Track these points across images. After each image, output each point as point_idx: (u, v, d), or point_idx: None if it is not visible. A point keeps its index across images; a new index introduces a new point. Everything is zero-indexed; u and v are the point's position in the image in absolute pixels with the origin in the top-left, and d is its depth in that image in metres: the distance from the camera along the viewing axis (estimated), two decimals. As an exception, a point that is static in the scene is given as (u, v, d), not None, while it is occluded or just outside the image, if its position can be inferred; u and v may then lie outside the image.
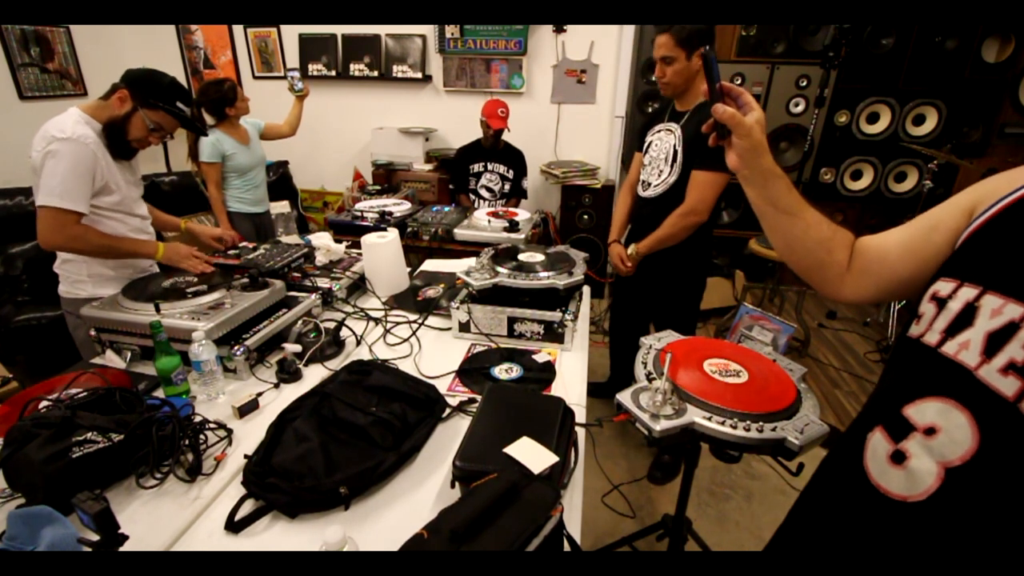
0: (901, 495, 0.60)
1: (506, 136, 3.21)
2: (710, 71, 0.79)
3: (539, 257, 1.73)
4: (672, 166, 1.97)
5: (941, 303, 0.60)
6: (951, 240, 0.66)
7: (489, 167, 3.24)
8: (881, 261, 0.75)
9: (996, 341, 0.54)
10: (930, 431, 0.58)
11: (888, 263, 0.75)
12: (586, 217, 3.64)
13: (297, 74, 2.88)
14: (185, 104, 1.58)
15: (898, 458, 0.60)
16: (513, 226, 2.36)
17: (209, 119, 2.68)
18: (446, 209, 2.73)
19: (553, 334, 1.53)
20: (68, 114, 1.49)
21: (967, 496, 0.55)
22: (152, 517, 0.93)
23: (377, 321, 1.67)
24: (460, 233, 2.42)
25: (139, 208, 1.68)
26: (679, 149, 1.94)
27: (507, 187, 3.28)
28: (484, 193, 3.28)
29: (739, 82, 3.30)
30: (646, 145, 2.12)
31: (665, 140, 2.01)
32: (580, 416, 1.19)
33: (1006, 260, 0.57)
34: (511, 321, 1.54)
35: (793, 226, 0.79)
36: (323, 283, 1.76)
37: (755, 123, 0.76)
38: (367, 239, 1.87)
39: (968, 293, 0.57)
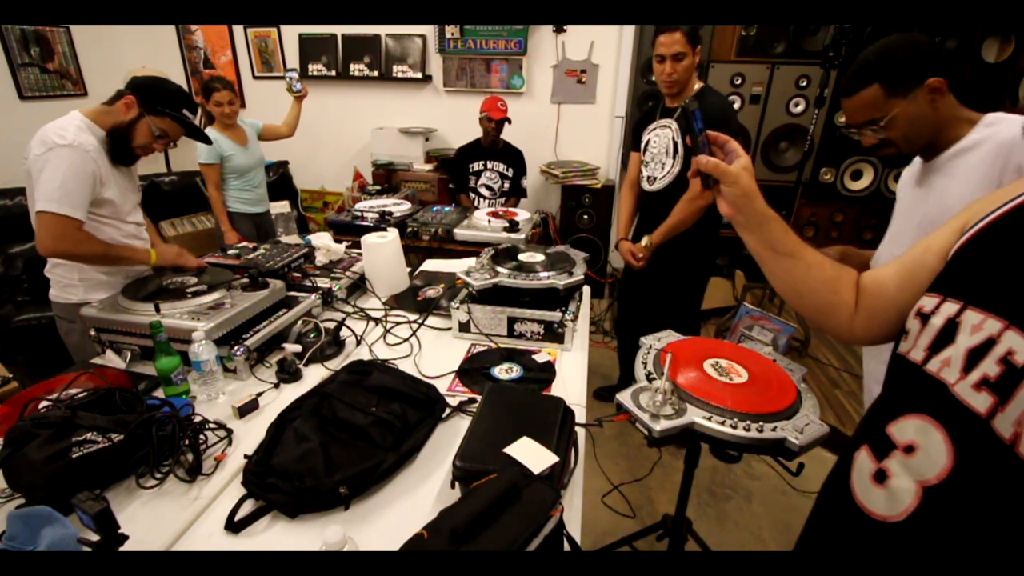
0: (882, 515, 0.59)
1: (506, 135, 3.22)
2: (692, 123, 0.77)
3: (539, 257, 1.73)
4: (675, 158, 2.08)
5: (925, 319, 0.60)
6: (944, 260, 0.65)
7: (489, 166, 3.25)
8: (881, 295, 0.73)
9: (975, 357, 0.53)
10: (909, 449, 0.57)
11: (888, 296, 0.72)
12: (586, 217, 3.64)
13: (295, 75, 2.87)
14: (191, 112, 1.58)
15: (880, 477, 0.60)
16: (513, 226, 2.36)
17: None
18: (446, 209, 2.73)
19: (553, 334, 1.53)
20: (69, 118, 1.47)
21: (943, 516, 0.54)
22: (152, 517, 0.93)
23: (377, 321, 1.67)
24: (460, 233, 2.42)
25: (134, 215, 1.67)
26: (678, 141, 2.06)
27: (506, 185, 3.28)
28: (484, 192, 3.28)
29: (739, 82, 3.30)
30: (643, 144, 2.22)
31: (663, 135, 2.12)
32: (580, 416, 1.19)
33: (986, 275, 0.57)
34: (511, 321, 1.54)
35: (795, 268, 0.77)
36: (323, 283, 1.75)
37: (742, 170, 0.75)
38: (367, 239, 1.87)
39: (950, 308, 0.57)
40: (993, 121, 1.04)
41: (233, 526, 0.91)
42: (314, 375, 1.36)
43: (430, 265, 2.23)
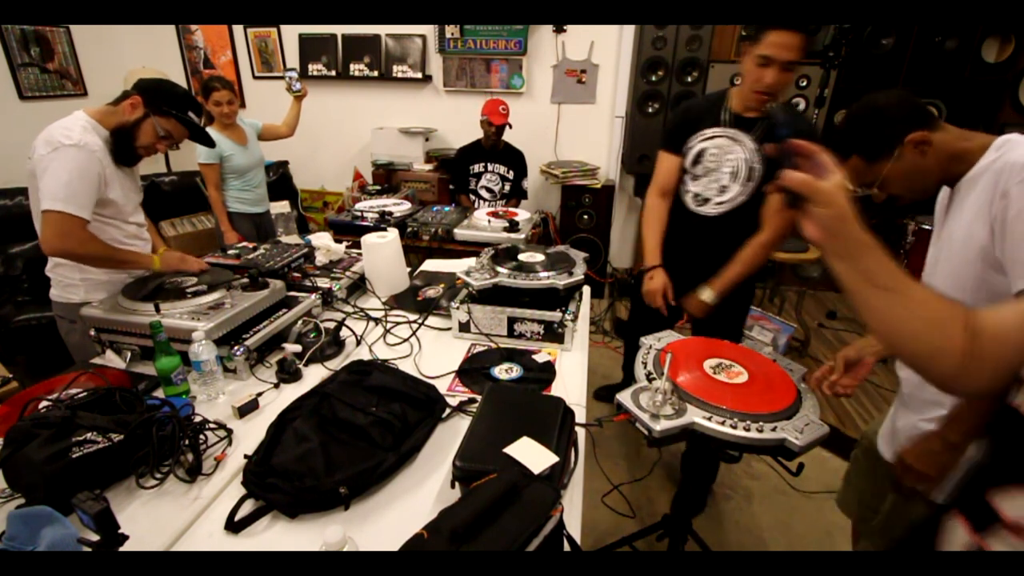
0: None
1: (506, 136, 3.22)
2: (776, 129, 0.69)
3: (539, 257, 1.72)
4: (746, 185, 1.69)
5: None
6: None
7: (489, 167, 3.25)
8: (1004, 340, 0.62)
9: None
10: (1021, 530, 0.48)
11: (1011, 341, 0.61)
12: (586, 217, 3.64)
13: (295, 74, 2.88)
14: (196, 114, 1.58)
15: None
16: (513, 226, 2.36)
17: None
18: (446, 209, 2.73)
19: (553, 334, 1.53)
20: (74, 118, 1.47)
21: None
22: (152, 517, 0.94)
23: (377, 321, 1.67)
24: (460, 233, 2.42)
25: (136, 216, 1.67)
26: (757, 167, 1.66)
27: (507, 187, 3.28)
28: (484, 194, 3.28)
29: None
30: (695, 152, 1.75)
31: (730, 151, 1.69)
32: (580, 416, 1.19)
33: None
34: (511, 321, 1.54)
35: (895, 305, 0.65)
36: (323, 283, 1.75)
37: (837, 188, 0.64)
38: (367, 239, 1.87)
39: None
40: (1000, 144, 0.96)
41: (233, 526, 0.91)
42: (314, 375, 1.36)
43: (430, 265, 2.23)
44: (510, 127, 3.14)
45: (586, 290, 1.87)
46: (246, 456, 1.03)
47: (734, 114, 1.69)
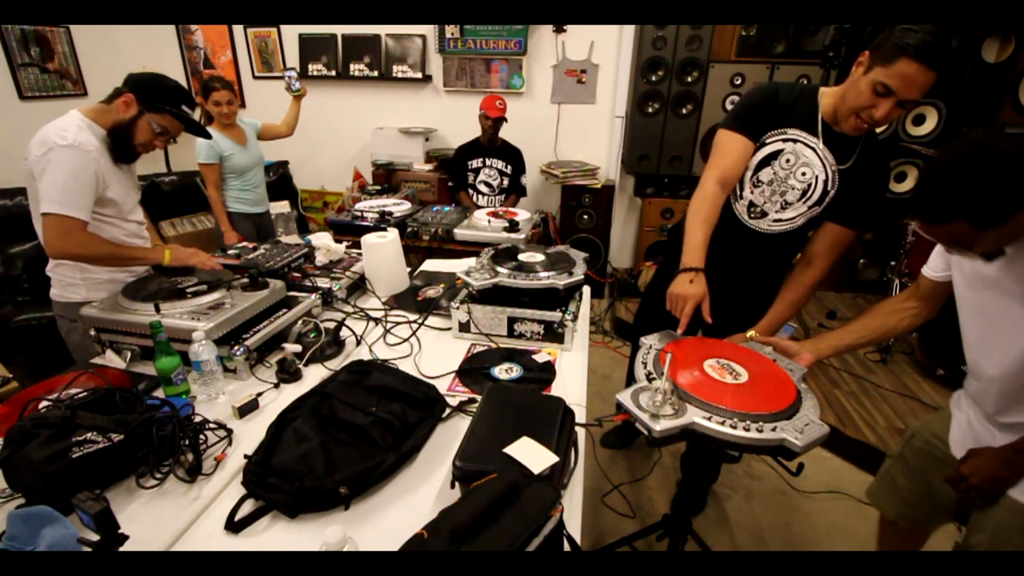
0: None
1: (504, 134, 3.22)
2: None
3: (539, 257, 1.72)
4: (812, 208, 1.48)
5: None
6: None
7: (487, 163, 3.26)
8: None
9: None
10: None
11: None
12: (586, 217, 3.64)
13: (294, 74, 2.88)
14: (190, 107, 1.58)
15: None
16: (513, 226, 2.36)
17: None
18: (446, 209, 2.73)
19: (553, 334, 1.53)
20: (69, 118, 1.47)
21: None
22: (152, 517, 0.94)
23: (377, 321, 1.67)
24: (460, 233, 2.42)
25: (135, 214, 1.67)
26: (832, 191, 1.44)
27: (505, 182, 3.29)
28: (483, 188, 3.30)
29: (739, 82, 3.29)
30: (769, 151, 1.48)
31: (807, 163, 1.44)
32: (580, 416, 1.19)
33: None
34: (511, 321, 1.54)
35: None
36: (323, 283, 1.75)
37: None
38: (367, 239, 1.87)
39: None
40: None
41: (233, 526, 0.91)
42: (314, 375, 1.36)
43: (430, 265, 2.23)
44: (506, 121, 3.15)
45: (586, 290, 1.86)
46: (246, 456, 1.03)
47: (825, 127, 1.42)
